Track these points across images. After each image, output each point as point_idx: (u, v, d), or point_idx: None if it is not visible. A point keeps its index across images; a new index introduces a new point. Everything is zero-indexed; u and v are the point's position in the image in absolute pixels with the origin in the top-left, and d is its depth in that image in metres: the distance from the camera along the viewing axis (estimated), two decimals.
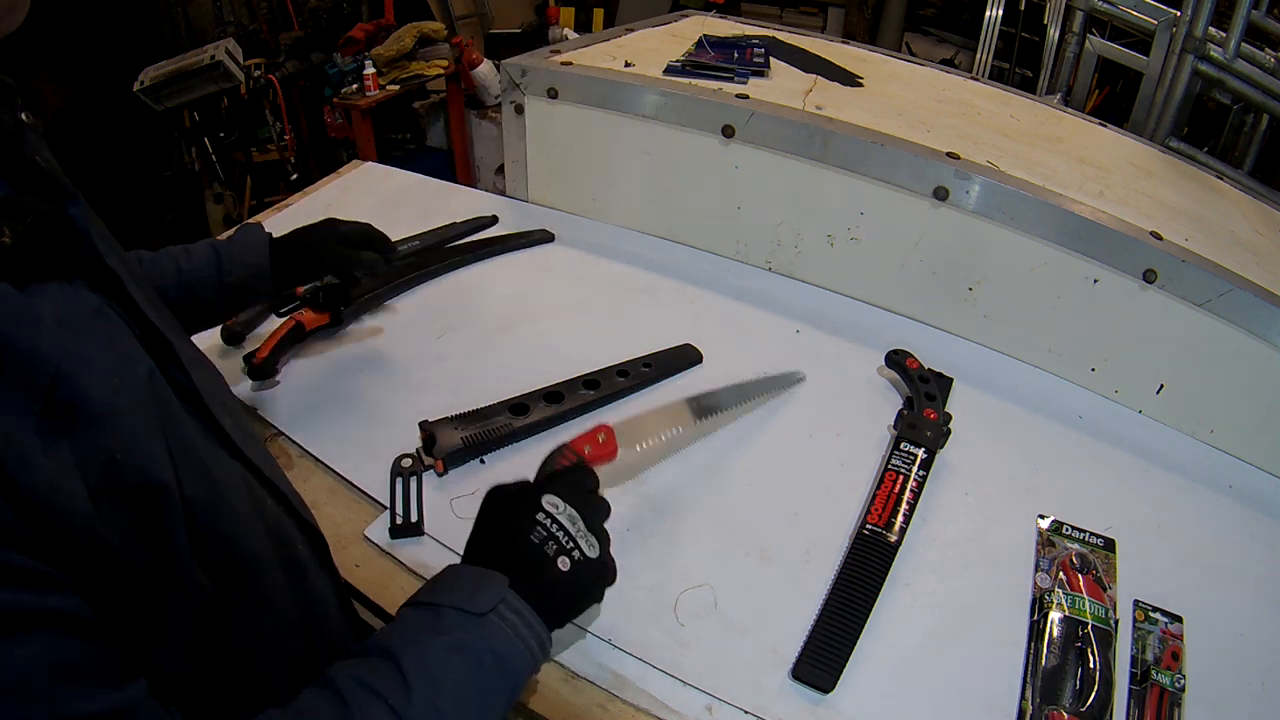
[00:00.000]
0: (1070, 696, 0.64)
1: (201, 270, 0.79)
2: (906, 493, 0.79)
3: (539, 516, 0.54)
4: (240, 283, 0.80)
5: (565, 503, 0.55)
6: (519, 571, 0.52)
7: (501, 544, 0.54)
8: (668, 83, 1.17)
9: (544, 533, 0.53)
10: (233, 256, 0.81)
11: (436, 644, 0.47)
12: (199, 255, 0.80)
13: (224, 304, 0.81)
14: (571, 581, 0.53)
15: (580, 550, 0.54)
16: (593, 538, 0.55)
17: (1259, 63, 1.85)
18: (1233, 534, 0.83)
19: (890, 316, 1.11)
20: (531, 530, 0.53)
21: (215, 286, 0.79)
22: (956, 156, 1.01)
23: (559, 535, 0.54)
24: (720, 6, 3.79)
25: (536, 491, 0.56)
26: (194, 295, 0.78)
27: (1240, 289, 0.87)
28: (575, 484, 0.59)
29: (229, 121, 3.10)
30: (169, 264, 0.79)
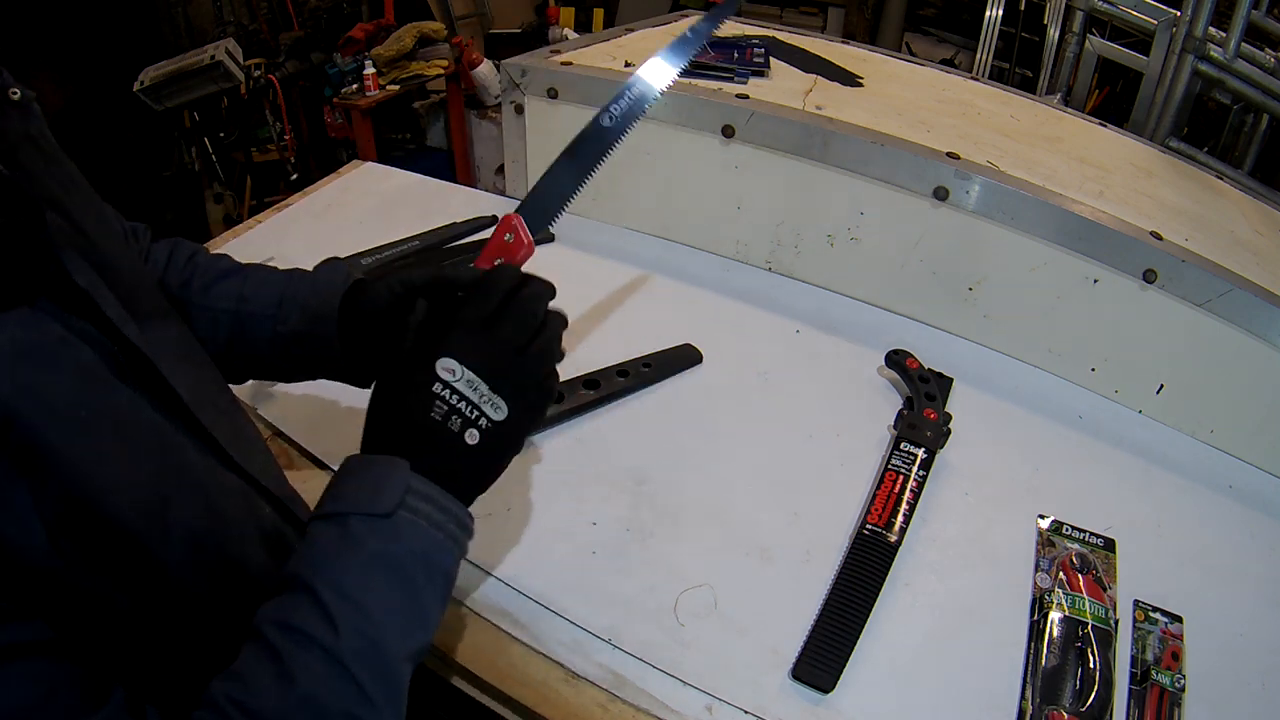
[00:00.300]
0: (1070, 696, 0.64)
1: (259, 306, 0.63)
2: (906, 493, 0.79)
3: (435, 388, 0.47)
4: (296, 332, 0.62)
5: (462, 365, 0.48)
6: (421, 451, 0.47)
7: (397, 426, 0.48)
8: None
9: (444, 407, 0.47)
10: (297, 297, 0.62)
11: (350, 562, 0.43)
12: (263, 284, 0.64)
13: (276, 354, 0.64)
14: (483, 452, 0.48)
15: (486, 417, 0.48)
16: (499, 399, 0.48)
17: (1259, 63, 1.85)
18: (1233, 534, 0.83)
19: (890, 316, 1.11)
20: (430, 407, 0.47)
21: (270, 335, 0.63)
22: (956, 156, 1.01)
23: (460, 407, 0.47)
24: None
25: (430, 356, 0.48)
26: (245, 334, 0.63)
27: (1240, 289, 0.87)
28: (475, 329, 0.50)
29: (229, 121, 3.10)
30: (234, 285, 0.64)
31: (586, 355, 0.96)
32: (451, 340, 0.49)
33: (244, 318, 0.63)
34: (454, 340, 0.49)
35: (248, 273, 0.65)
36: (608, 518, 0.77)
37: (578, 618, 0.67)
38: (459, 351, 0.48)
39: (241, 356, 0.64)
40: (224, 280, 0.64)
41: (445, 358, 0.47)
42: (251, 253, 1.14)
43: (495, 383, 0.49)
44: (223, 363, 0.61)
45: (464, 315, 0.50)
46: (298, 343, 0.63)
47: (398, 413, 0.48)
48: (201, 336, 0.61)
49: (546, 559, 0.72)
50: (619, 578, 0.71)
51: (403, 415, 0.48)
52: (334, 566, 0.43)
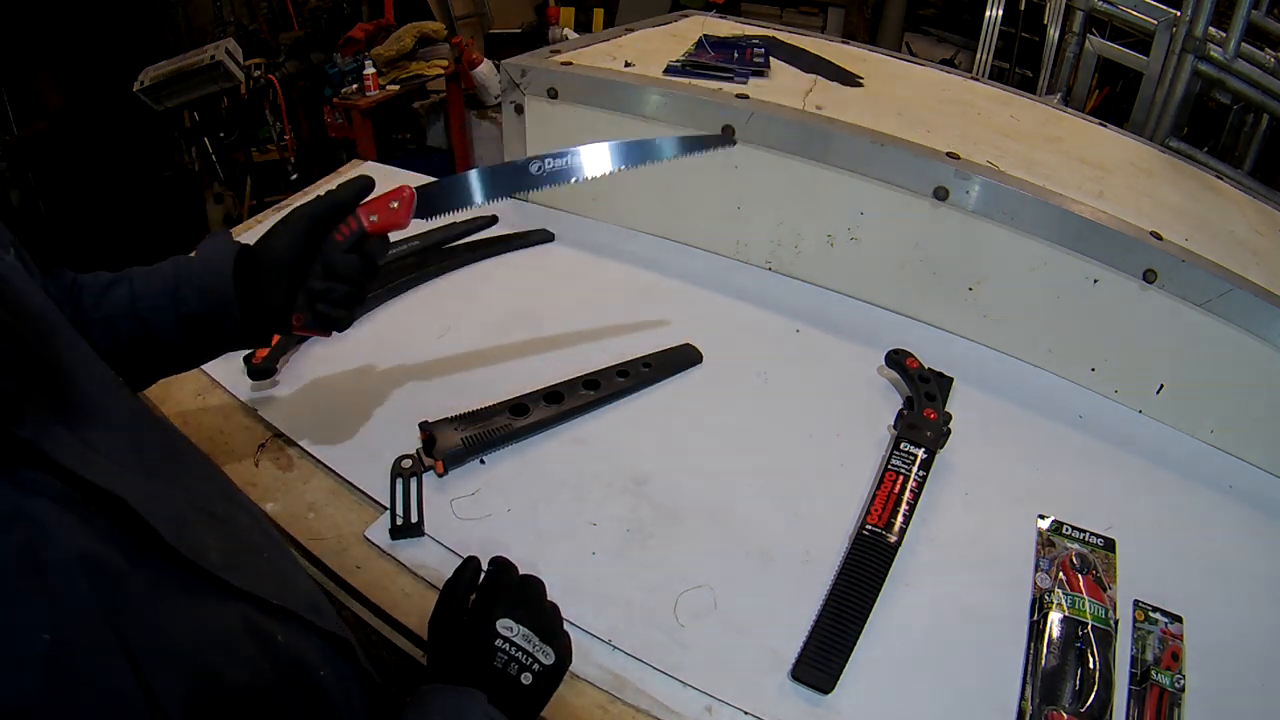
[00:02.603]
0: (1070, 696, 0.64)
1: (156, 297, 0.63)
2: (906, 493, 0.79)
3: (497, 644, 0.56)
4: (198, 311, 0.63)
5: (518, 624, 0.57)
6: (490, 687, 0.54)
7: (468, 667, 0.56)
8: (668, 83, 1.17)
9: (504, 657, 0.56)
10: (190, 277, 0.64)
11: None
12: (158, 277, 0.64)
13: (188, 343, 0.65)
14: (536, 690, 0.57)
15: (539, 663, 0.57)
16: (548, 648, 0.58)
17: (1259, 63, 1.85)
18: (1233, 534, 0.83)
19: (890, 316, 1.11)
20: (493, 657, 0.56)
21: (173, 319, 0.63)
22: (956, 156, 1.01)
23: (519, 656, 0.56)
24: (720, 6, 3.79)
25: (487, 618, 0.57)
26: (148, 331, 0.63)
27: (1240, 289, 0.87)
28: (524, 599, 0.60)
29: (229, 121, 3.10)
30: (123, 289, 0.64)
31: (586, 355, 0.96)
32: (505, 602, 0.59)
33: (143, 314, 0.63)
34: (507, 602, 0.59)
35: (130, 275, 0.65)
36: (608, 518, 0.77)
37: (578, 618, 0.67)
38: (513, 612, 0.58)
39: (147, 355, 0.65)
40: (110, 289, 0.64)
41: (503, 618, 0.57)
42: None
43: (545, 636, 0.58)
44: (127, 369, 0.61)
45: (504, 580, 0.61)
46: (202, 322, 0.64)
47: (467, 660, 0.56)
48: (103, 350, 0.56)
49: (546, 559, 0.72)
50: (619, 578, 0.71)
51: (471, 662, 0.56)
52: None
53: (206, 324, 0.65)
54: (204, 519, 0.46)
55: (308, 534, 0.74)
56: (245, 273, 0.65)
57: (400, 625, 0.68)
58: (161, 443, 0.49)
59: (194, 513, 0.46)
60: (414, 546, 0.74)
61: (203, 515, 0.46)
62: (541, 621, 0.59)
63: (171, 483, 0.46)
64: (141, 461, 0.43)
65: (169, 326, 0.64)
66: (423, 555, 0.73)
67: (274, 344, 0.91)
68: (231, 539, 0.47)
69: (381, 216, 0.66)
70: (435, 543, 0.74)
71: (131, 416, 0.46)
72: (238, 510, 0.52)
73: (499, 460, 0.83)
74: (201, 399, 0.89)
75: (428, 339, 1.00)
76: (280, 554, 0.54)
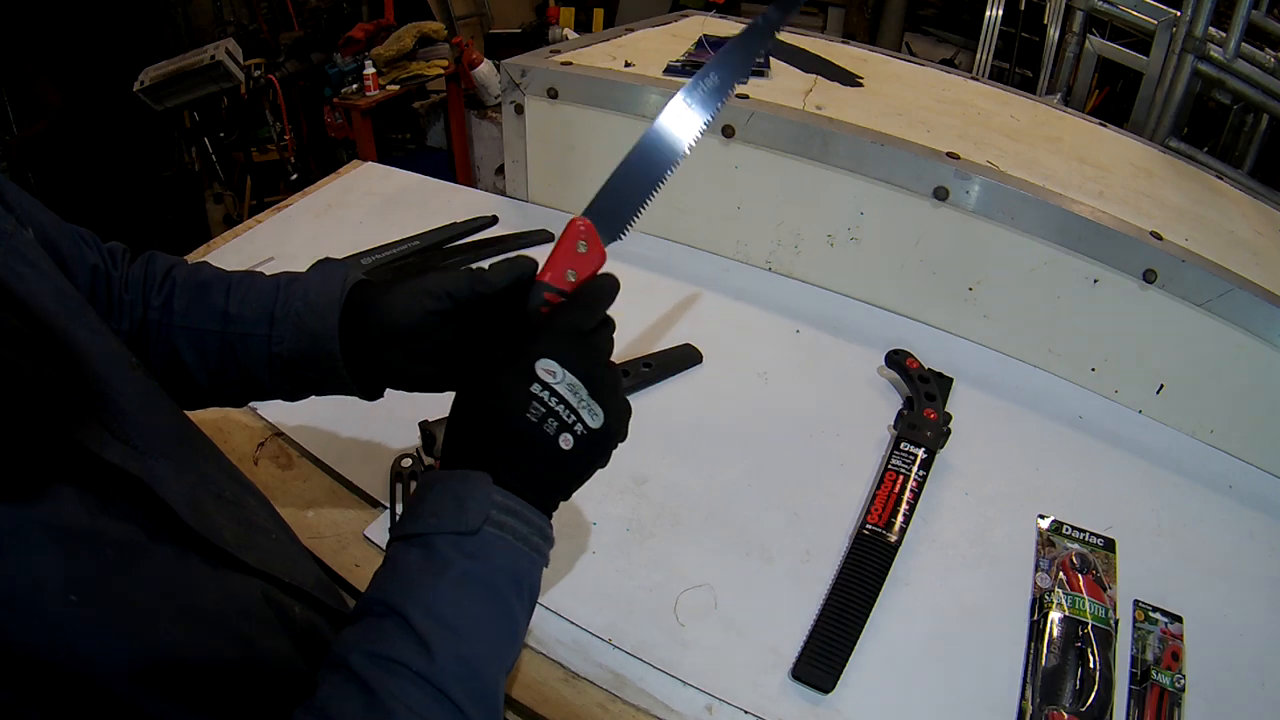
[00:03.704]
0: (1070, 696, 0.64)
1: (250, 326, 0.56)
2: (906, 493, 0.79)
3: (534, 389, 0.45)
4: (292, 354, 0.56)
5: (564, 368, 0.46)
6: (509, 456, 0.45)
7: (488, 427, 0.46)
8: (668, 83, 1.17)
9: (541, 409, 0.45)
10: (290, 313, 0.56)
11: (441, 584, 0.42)
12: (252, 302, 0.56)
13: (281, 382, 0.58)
14: (575, 459, 0.47)
15: (583, 423, 0.46)
16: (597, 406, 0.47)
17: (1259, 63, 1.84)
18: (1233, 534, 0.83)
19: (890, 316, 1.11)
20: (527, 408, 0.45)
21: (264, 358, 0.56)
22: (956, 156, 1.01)
23: (559, 410, 0.46)
24: (720, 6, 3.79)
25: (527, 357, 0.46)
26: (236, 359, 0.56)
27: (1240, 289, 0.87)
28: (574, 336, 0.48)
29: (229, 121, 3.10)
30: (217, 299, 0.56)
31: None
32: (551, 342, 0.47)
33: (233, 340, 0.56)
34: (554, 343, 0.47)
35: (231, 284, 0.58)
36: (608, 518, 0.77)
37: (578, 618, 0.67)
38: (560, 354, 0.46)
39: (235, 382, 0.58)
40: (206, 295, 0.57)
41: (545, 359, 0.46)
42: (251, 252, 1.14)
43: (595, 389, 0.47)
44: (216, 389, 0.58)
45: (562, 322, 0.48)
46: (297, 365, 0.56)
47: (488, 414, 0.46)
48: (186, 362, 0.56)
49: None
50: (619, 578, 0.71)
51: (494, 416, 0.46)
52: (423, 589, 0.42)
53: (301, 369, 0.56)
54: (215, 500, 0.47)
55: (307, 533, 0.74)
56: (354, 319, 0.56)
57: None
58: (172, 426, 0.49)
59: (206, 494, 0.46)
60: None
61: (214, 497, 0.47)
62: (595, 371, 0.48)
63: (183, 466, 0.46)
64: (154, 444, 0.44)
65: (259, 361, 0.56)
66: None
67: None
68: (242, 520, 0.48)
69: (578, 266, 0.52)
70: None
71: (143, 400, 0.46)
72: (246, 493, 0.52)
73: None
74: None
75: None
76: (287, 536, 0.54)
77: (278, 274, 0.59)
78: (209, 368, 0.57)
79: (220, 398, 0.61)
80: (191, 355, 0.57)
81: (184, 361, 0.57)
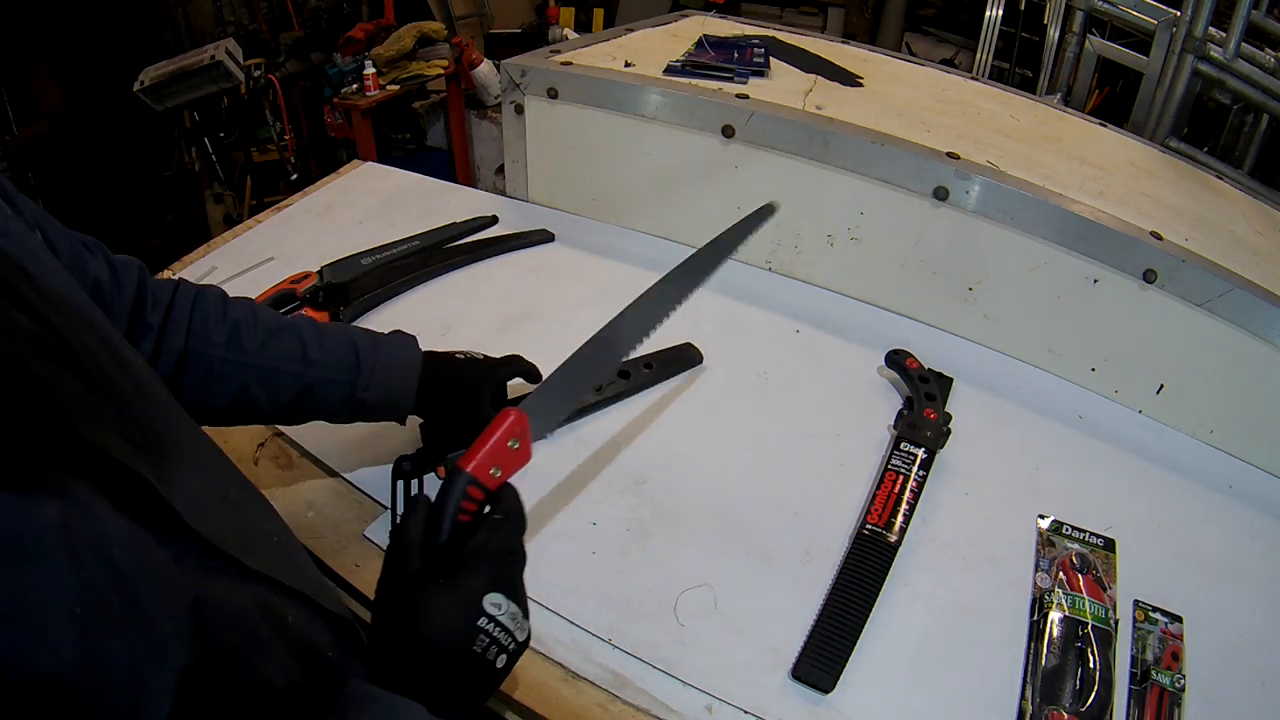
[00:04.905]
0: (1070, 696, 0.64)
1: (332, 373, 0.66)
2: (906, 493, 0.79)
3: (482, 623, 0.46)
4: (376, 402, 0.68)
5: (509, 599, 0.47)
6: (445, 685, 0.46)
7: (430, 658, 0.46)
8: (668, 83, 1.17)
9: (486, 640, 0.46)
10: (375, 370, 0.68)
11: None
12: (333, 352, 0.66)
13: (347, 415, 0.70)
14: (503, 671, 0.49)
15: (515, 640, 0.48)
16: (526, 623, 0.49)
17: (1259, 63, 1.84)
18: (1233, 534, 0.83)
19: (890, 316, 1.11)
20: (474, 640, 0.46)
21: (343, 398, 0.67)
22: (956, 156, 1.01)
23: (501, 637, 0.47)
24: (720, 6, 3.79)
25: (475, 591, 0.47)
26: (313, 398, 0.66)
27: (1240, 289, 0.87)
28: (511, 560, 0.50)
29: (229, 121, 3.10)
30: (292, 345, 0.65)
31: None
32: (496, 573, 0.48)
33: (314, 382, 0.66)
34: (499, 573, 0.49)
35: (299, 332, 0.67)
36: (608, 518, 0.77)
37: (578, 618, 0.67)
38: (505, 586, 0.48)
39: (301, 414, 0.68)
40: (278, 338, 0.65)
41: (493, 593, 0.47)
42: (252, 253, 1.14)
43: (525, 611, 0.50)
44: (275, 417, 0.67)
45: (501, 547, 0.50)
46: (375, 410, 0.69)
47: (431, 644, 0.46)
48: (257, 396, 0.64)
49: (546, 559, 0.72)
50: (619, 578, 0.71)
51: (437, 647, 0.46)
52: None
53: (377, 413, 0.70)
54: (219, 504, 0.47)
55: (307, 533, 0.74)
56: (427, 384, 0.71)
57: None
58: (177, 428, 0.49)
59: (210, 496, 0.46)
60: None
61: (217, 500, 0.47)
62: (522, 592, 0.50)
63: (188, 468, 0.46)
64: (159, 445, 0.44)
65: (335, 402, 0.67)
66: None
67: None
68: (245, 523, 0.48)
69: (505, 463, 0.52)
70: None
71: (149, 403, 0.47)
72: (249, 496, 0.53)
73: None
74: None
75: (428, 339, 0.99)
76: (289, 539, 0.54)
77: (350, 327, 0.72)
78: (280, 402, 0.66)
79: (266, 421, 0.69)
80: (263, 391, 0.65)
81: (254, 395, 0.65)
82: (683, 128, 1.14)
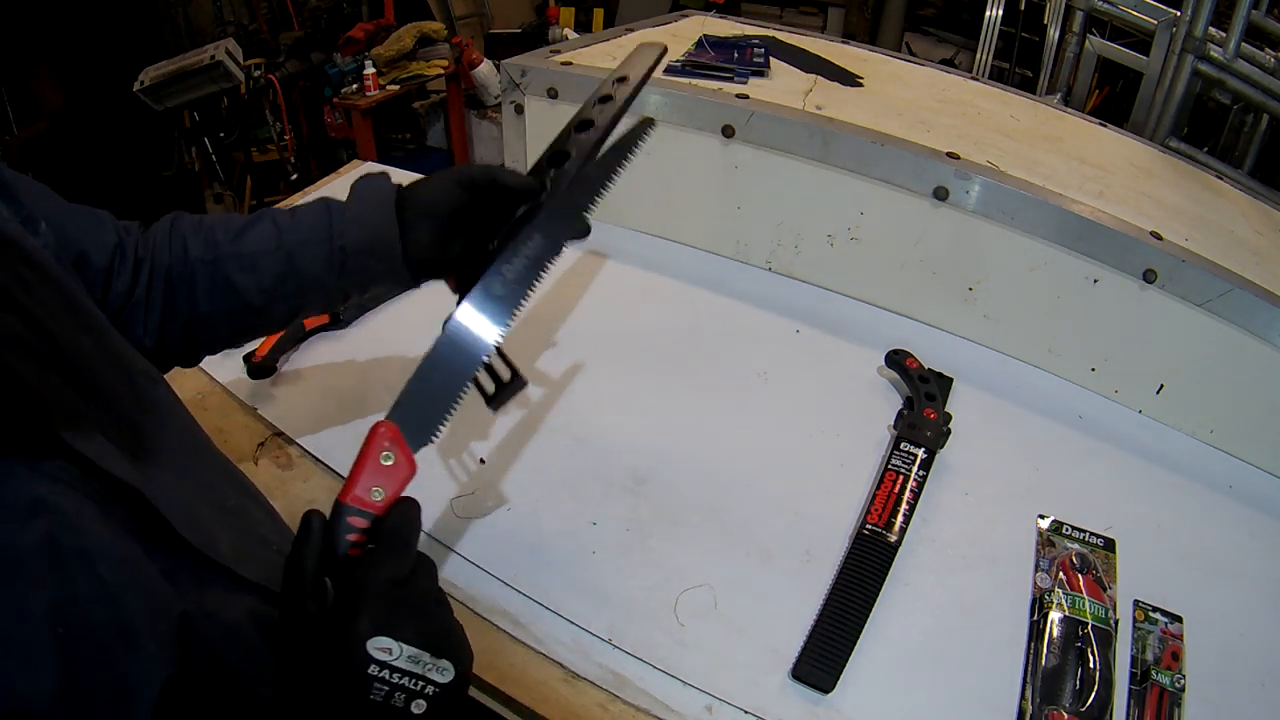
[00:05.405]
0: (1070, 696, 0.64)
1: (306, 233, 0.63)
2: (906, 493, 0.79)
3: (372, 670, 0.40)
4: (357, 248, 0.63)
5: (399, 641, 0.41)
6: None
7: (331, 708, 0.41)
8: (668, 83, 1.17)
9: (385, 688, 0.41)
10: (347, 214, 0.64)
11: None
12: (305, 216, 0.64)
13: (337, 277, 0.64)
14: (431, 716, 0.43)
15: (433, 684, 0.42)
16: (445, 663, 0.42)
17: (1259, 63, 1.84)
18: (1233, 534, 0.83)
19: (890, 316, 1.11)
20: (368, 691, 0.40)
21: (325, 255, 0.63)
22: (956, 156, 1.01)
23: (404, 682, 0.41)
24: (720, 6, 3.79)
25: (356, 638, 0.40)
26: (296, 268, 0.63)
27: (1240, 289, 0.87)
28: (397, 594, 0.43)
29: (229, 121, 3.10)
30: (266, 227, 0.63)
31: (587, 355, 0.96)
32: (376, 613, 0.41)
33: (291, 249, 0.62)
34: (379, 613, 0.41)
35: (271, 215, 0.64)
36: (608, 518, 0.77)
37: (578, 618, 0.67)
38: (390, 627, 0.41)
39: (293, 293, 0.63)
40: (251, 227, 0.63)
41: (376, 637, 0.40)
42: None
43: (438, 648, 0.42)
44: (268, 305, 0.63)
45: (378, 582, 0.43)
46: (361, 253, 0.63)
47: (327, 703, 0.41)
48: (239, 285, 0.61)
49: (546, 559, 0.72)
50: (619, 578, 0.71)
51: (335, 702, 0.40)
52: None
53: (363, 259, 0.63)
54: (215, 511, 0.47)
55: None
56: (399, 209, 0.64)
57: None
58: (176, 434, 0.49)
59: (206, 505, 0.46)
60: None
61: (214, 508, 0.47)
62: (431, 630, 0.43)
63: (185, 475, 0.46)
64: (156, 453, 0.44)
65: (319, 261, 0.63)
66: None
67: (274, 344, 0.91)
68: (242, 531, 0.48)
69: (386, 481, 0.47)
70: (436, 542, 0.74)
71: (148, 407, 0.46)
72: (249, 503, 0.53)
73: (499, 460, 0.83)
74: (201, 398, 0.89)
75: (428, 339, 1.00)
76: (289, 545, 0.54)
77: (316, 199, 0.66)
78: (264, 285, 0.62)
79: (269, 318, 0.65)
80: (246, 278, 0.61)
81: (236, 286, 0.61)
82: (683, 128, 1.14)
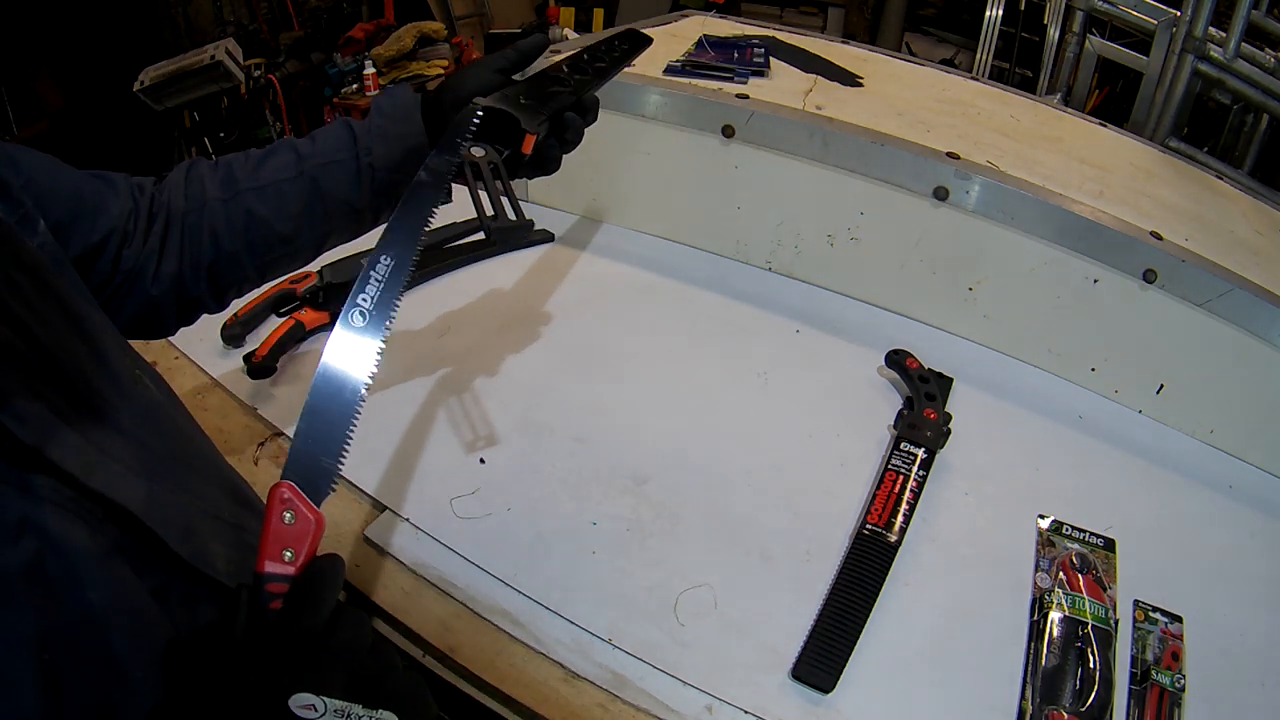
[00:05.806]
0: (1070, 696, 0.64)
1: (329, 155, 0.60)
2: (906, 493, 0.79)
3: None
4: (386, 162, 0.60)
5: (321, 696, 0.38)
6: None
7: None
8: (668, 83, 1.17)
9: None
10: (371, 130, 0.61)
11: None
12: (326, 138, 0.61)
13: (366, 195, 0.61)
14: None
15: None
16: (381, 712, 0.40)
17: (1259, 63, 1.84)
18: (1233, 534, 0.83)
19: (890, 316, 1.11)
20: None
21: (353, 174, 0.60)
22: (956, 156, 1.01)
23: None
24: (720, 6, 3.79)
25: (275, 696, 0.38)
26: (321, 192, 0.60)
27: (1240, 289, 0.87)
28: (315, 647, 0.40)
29: (229, 121, 3.10)
30: (285, 156, 0.60)
31: (587, 355, 0.96)
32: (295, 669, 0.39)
33: (315, 173, 0.60)
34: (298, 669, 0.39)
35: (290, 143, 0.61)
36: (608, 518, 0.77)
37: (578, 618, 0.67)
38: (311, 682, 0.38)
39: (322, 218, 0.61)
40: (270, 157, 0.60)
41: (297, 694, 0.37)
42: None
43: (371, 697, 0.40)
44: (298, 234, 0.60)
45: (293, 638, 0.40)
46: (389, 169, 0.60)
47: None
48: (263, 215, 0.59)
49: (546, 559, 0.72)
50: (619, 578, 0.71)
51: None
52: None
53: (392, 173, 0.61)
54: (212, 524, 0.46)
55: None
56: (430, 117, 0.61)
57: (399, 624, 0.68)
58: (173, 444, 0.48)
59: (201, 518, 0.46)
60: (415, 546, 0.73)
61: (210, 520, 0.46)
62: (363, 679, 0.40)
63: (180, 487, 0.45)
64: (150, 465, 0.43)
65: (347, 182, 0.60)
66: (423, 554, 0.73)
67: (274, 344, 0.91)
68: (239, 544, 0.47)
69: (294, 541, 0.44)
70: (435, 542, 0.74)
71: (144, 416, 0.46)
72: (246, 513, 0.52)
73: (499, 460, 0.83)
74: (201, 398, 0.89)
75: (428, 339, 1.00)
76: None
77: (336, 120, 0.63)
78: (288, 213, 0.60)
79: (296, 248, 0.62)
80: (269, 208, 0.59)
81: (259, 218, 0.59)
82: (683, 128, 1.14)
